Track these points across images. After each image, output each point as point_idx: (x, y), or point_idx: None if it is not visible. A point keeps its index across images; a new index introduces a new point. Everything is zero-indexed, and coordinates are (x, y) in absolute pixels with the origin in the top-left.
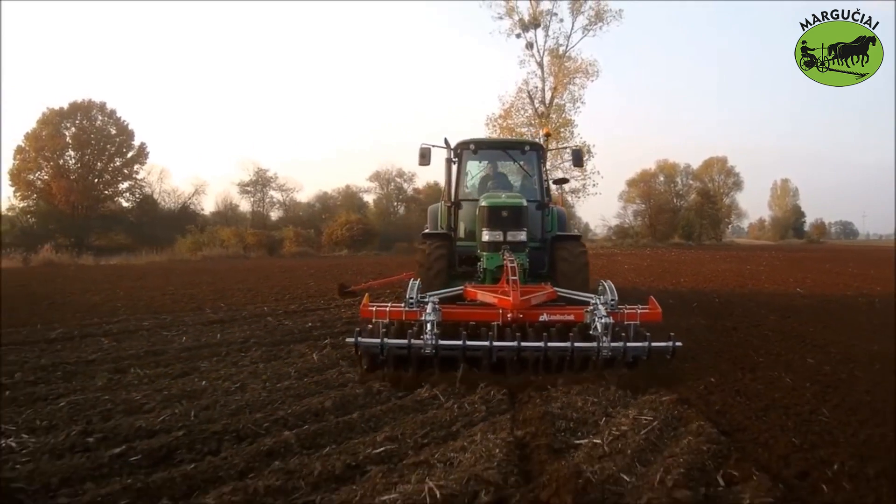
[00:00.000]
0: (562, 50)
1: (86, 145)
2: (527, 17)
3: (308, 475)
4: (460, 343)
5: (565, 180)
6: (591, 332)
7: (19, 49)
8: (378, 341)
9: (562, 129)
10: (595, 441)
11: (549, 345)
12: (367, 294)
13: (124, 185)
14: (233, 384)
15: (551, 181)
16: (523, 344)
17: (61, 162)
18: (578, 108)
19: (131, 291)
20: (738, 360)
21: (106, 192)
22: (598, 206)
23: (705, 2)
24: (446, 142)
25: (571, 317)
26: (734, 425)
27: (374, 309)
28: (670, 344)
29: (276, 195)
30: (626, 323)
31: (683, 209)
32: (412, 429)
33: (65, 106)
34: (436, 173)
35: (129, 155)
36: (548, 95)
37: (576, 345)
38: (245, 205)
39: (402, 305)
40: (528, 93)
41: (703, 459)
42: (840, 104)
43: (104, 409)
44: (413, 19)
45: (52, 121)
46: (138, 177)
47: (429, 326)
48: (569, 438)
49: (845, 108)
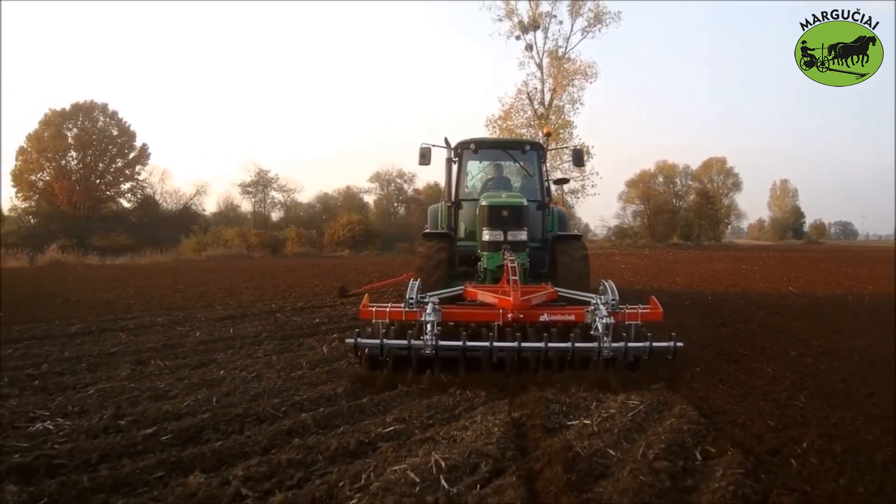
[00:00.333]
0: (561, 52)
1: (88, 146)
2: (526, 20)
3: (325, 450)
4: (460, 343)
5: (565, 180)
6: (591, 332)
7: (21, 50)
8: (378, 342)
9: (561, 131)
10: (585, 422)
11: (550, 345)
12: (367, 295)
13: (126, 185)
14: (249, 374)
15: (551, 181)
16: (524, 344)
17: (63, 163)
18: (577, 109)
19: (141, 290)
20: (724, 352)
21: (108, 192)
22: (598, 207)
23: (705, 2)
24: (446, 141)
25: (572, 317)
26: (715, 409)
27: (373, 309)
28: (671, 344)
29: (278, 196)
30: (627, 323)
31: (682, 210)
32: (418, 412)
33: (67, 107)
34: (436, 174)
35: (131, 156)
36: (547, 97)
37: (576, 345)
38: (246, 205)
39: (402, 306)
40: (528, 94)
41: (683, 438)
42: (840, 104)
43: (131, 396)
44: (413, 19)
45: (55, 122)
46: (140, 178)
47: (429, 327)
48: (561, 420)
49: (845, 109)
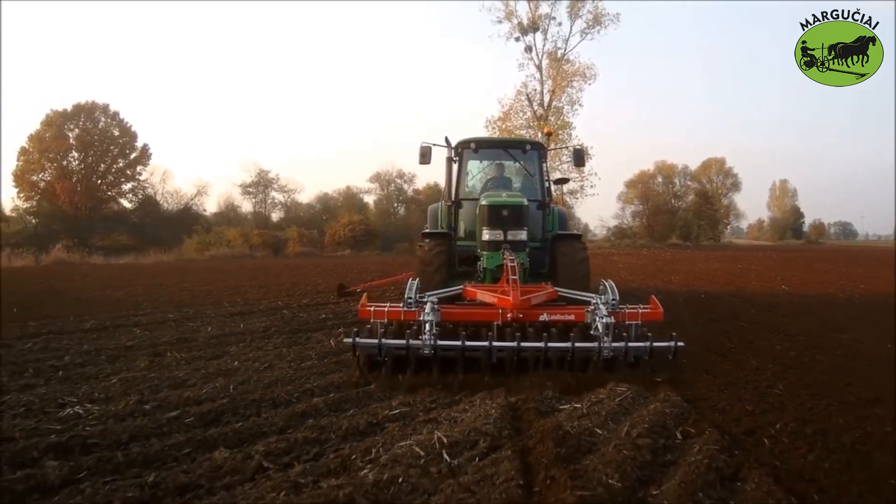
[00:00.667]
0: (560, 53)
1: (89, 147)
2: (525, 21)
3: (337, 430)
4: (459, 343)
5: (566, 180)
6: (591, 332)
7: (22, 50)
8: (376, 342)
9: (560, 132)
10: (576, 405)
11: (550, 345)
12: (366, 294)
13: (127, 186)
14: (262, 364)
15: (551, 181)
16: (523, 344)
17: (65, 163)
18: (576, 110)
19: (149, 288)
20: (713, 345)
21: (109, 193)
22: (597, 208)
23: (705, 2)
24: (447, 140)
25: (572, 316)
26: (697, 396)
27: (372, 309)
28: (672, 344)
29: (278, 196)
30: (627, 323)
31: (681, 210)
32: (422, 397)
33: (68, 108)
34: (436, 174)
35: (133, 156)
36: (546, 98)
37: (576, 345)
38: (247, 206)
39: (401, 305)
40: (527, 95)
41: (665, 420)
42: (840, 104)
43: (152, 384)
44: (413, 20)
45: (56, 122)
46: (141, 178)
47: (427, 326)
48: (554, 404)
49: (845, 109)
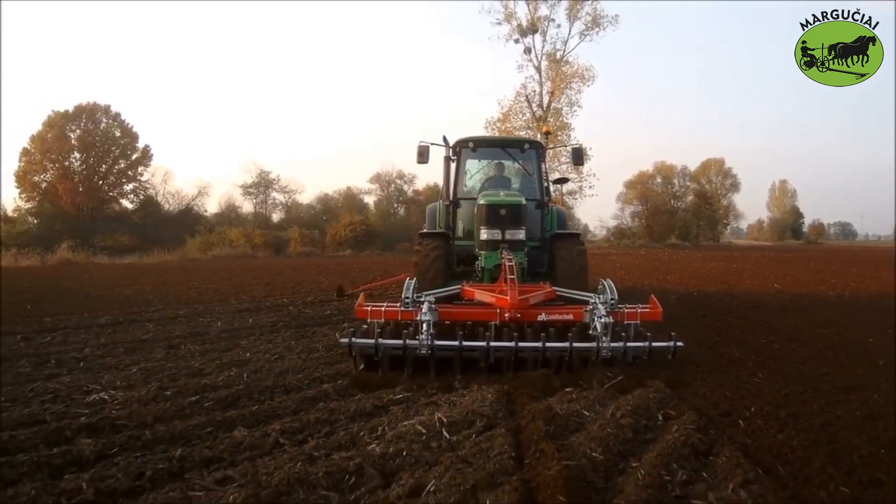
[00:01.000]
0: (559, 55)
1: (91, 148)
2: (525, 23)
3: (346, 411)
4: (457, 343)
5: (565, 180)
6: (590, 331)
7: (23, 51)
8: (373, 342)
9: (559, 133)
10: (566, 390)
11: (548, 345)
12: (363, 294)
13: (129, 186)
14: (272, 356)
15: (550, 181)
16: (521, 344)
17: (66, 164)
18: (575, 111)
19: (157, 286)
20: (700, 340)
21: (111, 193)
22: (597, 208)
23: (705, 2)
24: (445, 140)
25: (570, 316)
26: (680, 383)
27: (368, 309)
28: (671, 344)
29: (279, 197)
30: (626, 322)
31: (680, 211)
32: (423, 384)
33: (70, 109)
34: (436, 174)
35: (134, 157)
36: (545, 99)
37: (575, 345)
38: (247, 206)
39: (398, 305)
40: (527, 97)
41: (648, 404)
42: (839, 104)
43: (171, 373)
44: (413, 20)
45: (58, 123)
46: (142, 179)
47: (425, 326)
48: (546, 390)
49: (844, 109)
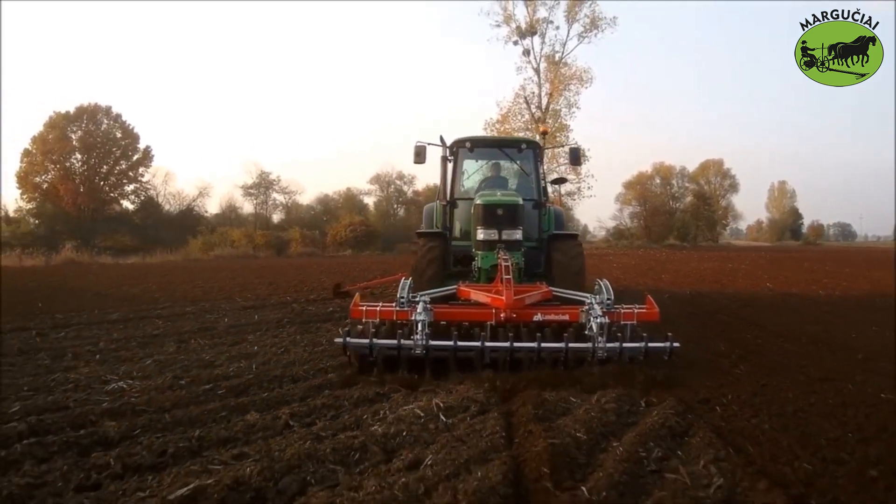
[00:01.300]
0: (558, 56)
1: (92, 148)
2: (524, 25)
3: (350, 398)
4: (451, 343)
5: (563, 180)
6: (586, 332)
7: (23, 52)
8: (367, 342)
9: (557, 134)
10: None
11: (543, 345)
12: (359, 293)
13: (130, 187)
14: (279, 349)
15: (548, 181)
16: (516, 344)
17: (68, 165)
18: (574, 112)
19: (162, 285)
20: (686, 334)
21: (112, 194)
22: (596, 209)
23: (704, 2)
24: (442, 140)
25: (566, 316)
26: (665, 374)
27: (363, 308)
28: (668, 344)
29: (279, 198)
30: (622, 323)
31: (679, 211)
32: (417, 384)
33: (71, 110)
34: (435, 175)
35: (135, 158)
36: (544, 101)
37: (570, 345)
38: (248, 207)
39: (394, 305)
40: (525, 98)
41: (632, 392)
42: (839, 105)
43: (183, 365)
44: (413, 20)
45: (59, 124)
46: (143, 179)
47: (419, 326)
48: None
49: (844, 109)
